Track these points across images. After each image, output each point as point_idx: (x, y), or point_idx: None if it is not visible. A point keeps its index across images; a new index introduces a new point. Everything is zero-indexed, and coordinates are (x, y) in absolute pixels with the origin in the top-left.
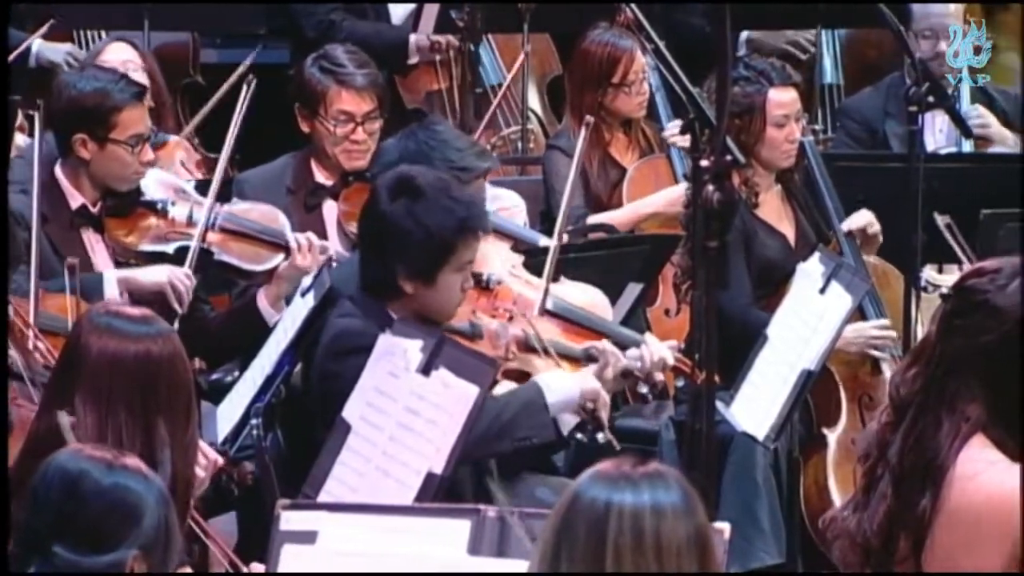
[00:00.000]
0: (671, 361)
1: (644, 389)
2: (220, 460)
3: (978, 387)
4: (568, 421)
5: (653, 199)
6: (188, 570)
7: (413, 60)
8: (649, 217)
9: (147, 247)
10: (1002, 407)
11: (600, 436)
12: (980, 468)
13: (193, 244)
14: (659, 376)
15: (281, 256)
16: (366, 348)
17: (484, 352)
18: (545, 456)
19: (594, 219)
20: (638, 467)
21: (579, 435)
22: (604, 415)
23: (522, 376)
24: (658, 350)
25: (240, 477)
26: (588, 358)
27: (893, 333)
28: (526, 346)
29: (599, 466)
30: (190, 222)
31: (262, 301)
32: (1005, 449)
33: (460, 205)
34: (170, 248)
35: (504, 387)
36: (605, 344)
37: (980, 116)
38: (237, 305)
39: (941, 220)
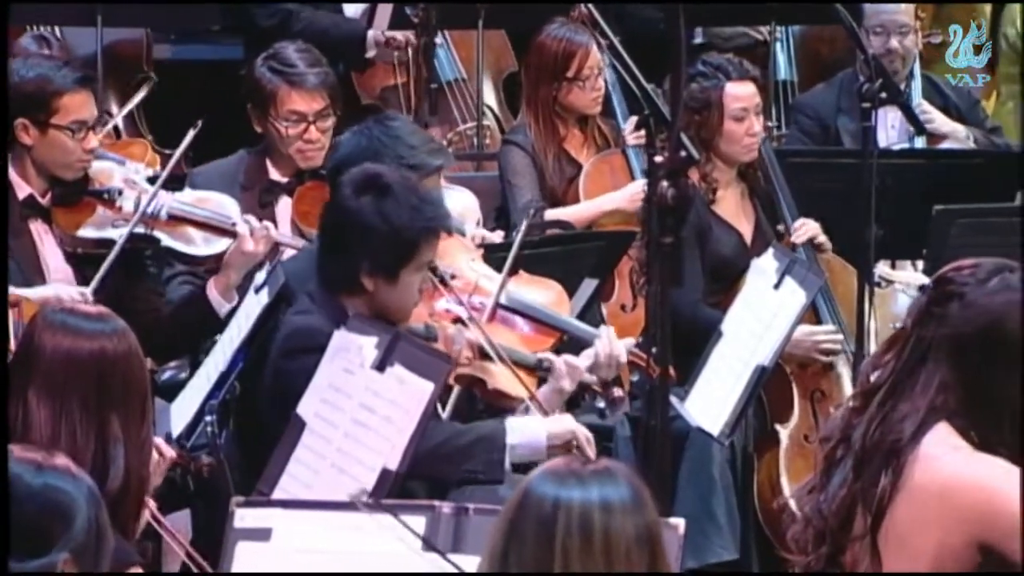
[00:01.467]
0: (624, 359)
1: (601, 404)
2: (174, 454)
3: (948, 377)
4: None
5: (612, 196)
6: (138, 570)
7: (371, 54)
8: (608, 214)
9: (93, 234)
10: (971, 400)
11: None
12: (945, 450)
13: (126, 229)
14: (618, 392)
15: (229, 240)
16: (321, 347)
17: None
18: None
19: (552, 214)
20: (587, 464)
21: None
22: (590, 452)
23: (475, 382)
24: (613, 347)
25: (196, 470)
26: (541, 367)
27: (840, 337)
28: (481, 352)
29: (549, 463)
30: (138, 211)
31: (212, 291)
32: (968, 439)
33: (427, 204)
34: (116, 235)
35: (456, 393)
36: (560, 360)
37: (924, 112)
38: (186, 296)
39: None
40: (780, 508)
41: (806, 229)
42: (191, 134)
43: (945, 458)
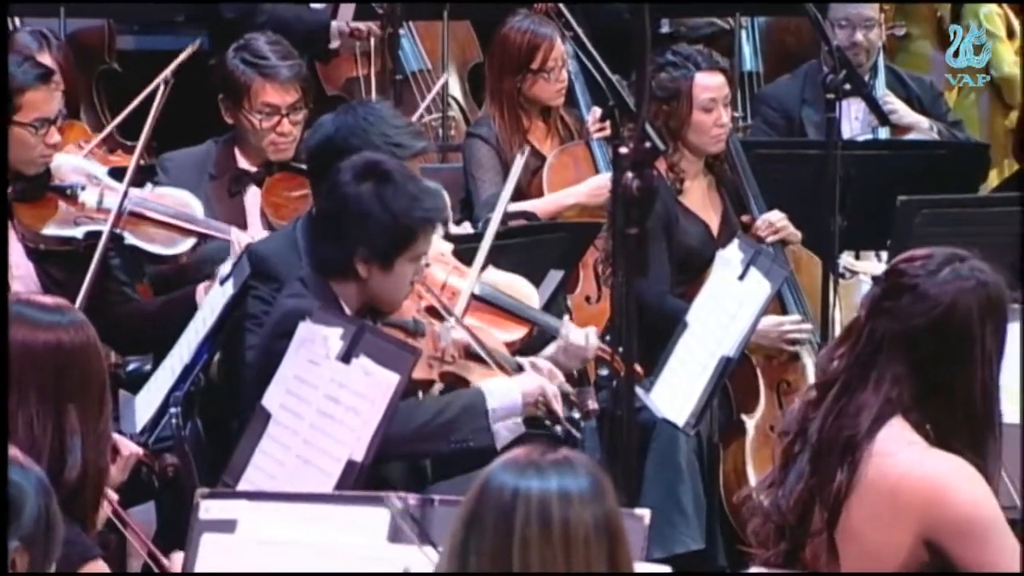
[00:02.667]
0: (591, 354)
1: (576, 415)
2: (140, 452)
3: (902, 370)
4: (505, 436)
5: (574, 190)
6: (101, 564)
7: (335, 44)
8: (572, 207)
9: (55, 231)
10: (925, 392)
11: (558, 429)
12: (899, 447)
13: (105, 228)
14: (592, 405)
15: (193, 240)
16: None
17: (413, 344)
18: (483, 458)
19: (516, 207)
20: (547, 454)
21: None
22: (557, 407)
23: (458, 380)
24: (589, 338)
25: (160, 469)
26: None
27: (809, 326)
28: (467, 352)
29: (509, 454)
30: (100, 207)
31: (201, 294)
32: (923, 433)
33: (426, 195)
34: (79, 232)
35: (438, 389)
36: (545, 365)
37: (888, 103)
38: (174, 296)
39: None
40: (740, 502)
41: (774, 229)
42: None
43: (899, 455)
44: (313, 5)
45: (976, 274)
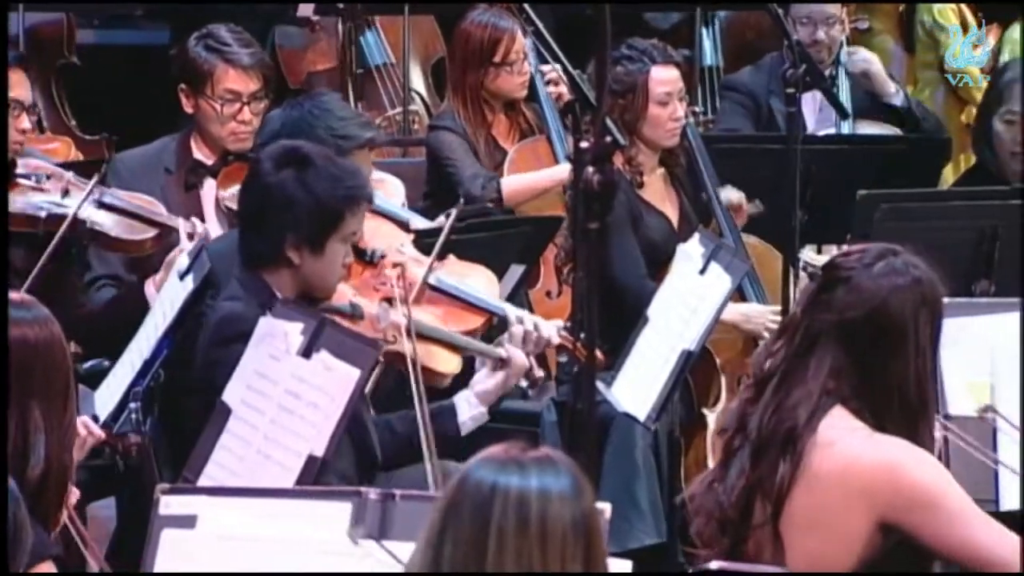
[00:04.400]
0: (556, 340)
1: (524, 383)
2: (102, 435)
3: (839, 362)
4: (470, 426)
5: (545, 173)
6: (50, 565)
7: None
8: (540, 195)
9: (18, 210)
10: (862, 383)
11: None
12: (841, 435)
13: (70, 212)
14: (539, 373)
15: (155, 231)
16: (248, 335)
17: (365, 334)
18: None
19: (507, 182)
20: (528, 451)
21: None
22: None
23: (401, 358)
24: (542, 330)
25: (125, 449)
26: (497, 360)
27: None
28: (407, 331)
29: (489, 449)
30: (65, 198)
31: (150, 288)
32: (863, 421)
33: (347, 174)
34: (42, 213)
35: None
36: (516, 356)
37: (864, 60)
38: (122, 292)
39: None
40: (682, 503)
41: (743, 210)
42: None
43: (843, 441)
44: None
45: (910, 269)
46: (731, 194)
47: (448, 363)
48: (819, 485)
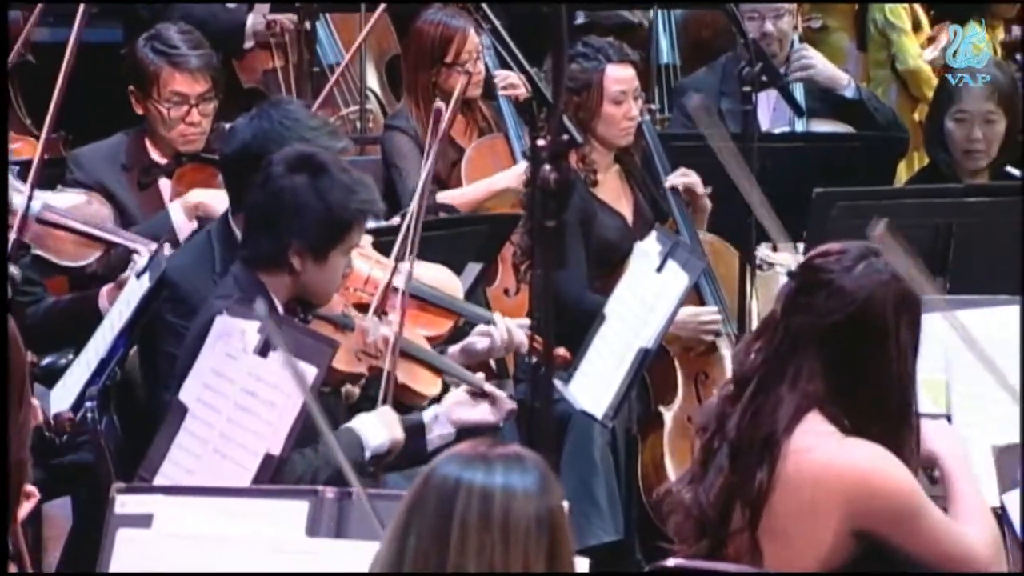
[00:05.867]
0: (525, 346)
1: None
2: (38, 415)
3: (818, 365)
4: (436, 444)
5: (504, 175)
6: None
7: (249, 44)
8: (499, 194)
9: None
10: (842, 387)
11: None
12: (815, 441)
13: (12, 236)
14: (511, 405)
15: (99, 252)
16: None
17: (326, 335)
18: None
19: (442, 196)
20: (496, 448)
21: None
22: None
23: (382, 373)
24: (512, 332)
25: (58, 425)
26: (471, 386)
27: (720, 317)
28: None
29: (458, 446)
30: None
31: (103, 301)
32: (840, 425)
33: (361, 187)
34: None
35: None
36: (501, 397)
37: (804, 58)
38: (76, 298)
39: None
40: (660, 498)
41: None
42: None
43: (816, 450)
44: (228, 4)
45: (890, 269)
46: (679, 179)
47: (429, 386)
48: (793, 492)
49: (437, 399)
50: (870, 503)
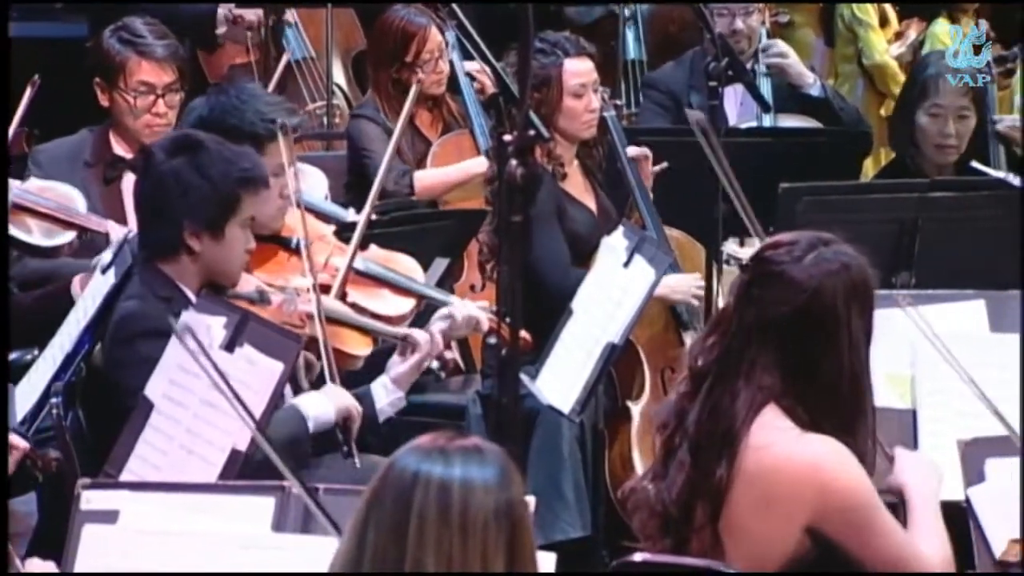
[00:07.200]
0: (485, 325)
1: (435, 364)
2: (26, 447)
3: (772, 357)
4: (388, 412)
5: (477, 161)
6: None
7: (221, 31)
8: (472, 179)
9: None
10: (796, 378)
11: (349, 454)
12: (773, 437)
13: None
14: (448, 354)
15: (73, 234)
16: (152, 331)
17: (273, 320)
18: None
19: (419, 176)
20: (456, 440)
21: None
22: (355, 431)
23: (312, 342)
24: (471, 311)
25: (44, 464)
26: (404, 341)
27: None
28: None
29: (418, 439)
30: None
31: (76, 289)
32: (796, 418)
33: (241, 156)
34: None
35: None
36: (419, 335)
37: (779, 51)
38: (49, 290)
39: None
40: (625, 497)
41: (646, 164)
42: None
43: (773, 446)
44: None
45: (840, 257)
46: (633, 150)
47: (359, 346)
48: (751, 488)
49: (380, 366)
50: (822, 498)
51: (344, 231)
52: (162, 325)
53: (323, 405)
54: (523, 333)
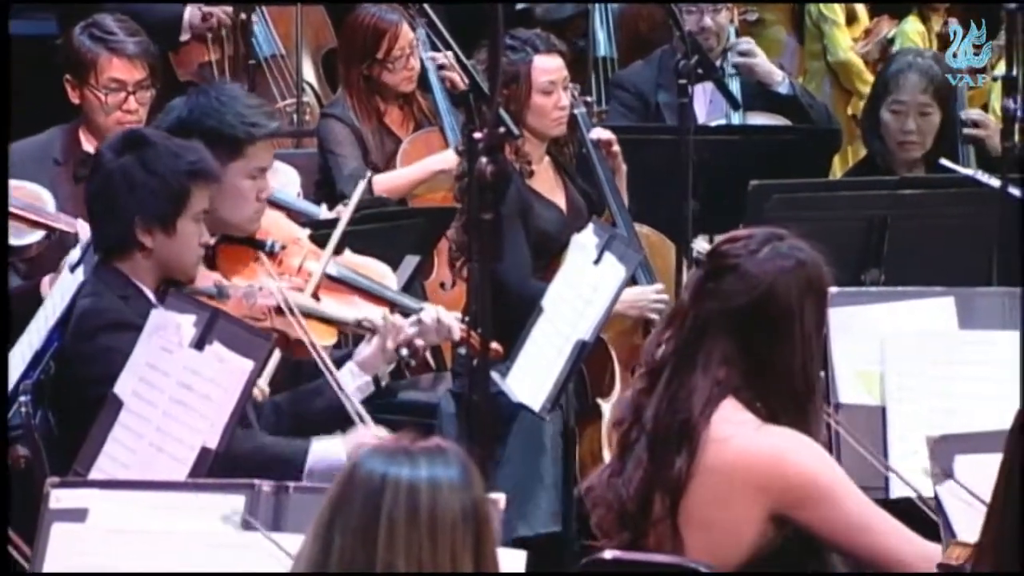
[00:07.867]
0: (456, 334)
1: (404, 352)
2: None
3: (729, 351)
4: (357, 396)
5: (444, 156)
6: None
7: (185, 37)
8: (433, 176)
9: None
10: (752, 371)
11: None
12: (732, 430)
13: None
14: (419, 342)
15: (42, 233)
16: (112, 324)
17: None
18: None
19: (378, 179)
20: (418, 441)
21: None
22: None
23: (281, 338)
24: (442, 316)
25: (13, 461)
26: (359, 327)
27: (666, 297)
28: (279, 311)
29: (380, 442)
30: None
31: (46, 288)
32: (754, 410)
33: (187, 150)
34: None
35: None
36: (382, 317)
37: (746, 49)
38: (19, 288)
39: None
40: (585, 494)
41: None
42: None
43: (734, 436)
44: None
45: (795, 252)
46: (600, 132)
47: (323, 336)
48: (712, 480)
49: (348, 354)
50: (785, 487)
51: (317, 228)
52: (121, 317)
53: (335, 447)
54: (494, 345)
